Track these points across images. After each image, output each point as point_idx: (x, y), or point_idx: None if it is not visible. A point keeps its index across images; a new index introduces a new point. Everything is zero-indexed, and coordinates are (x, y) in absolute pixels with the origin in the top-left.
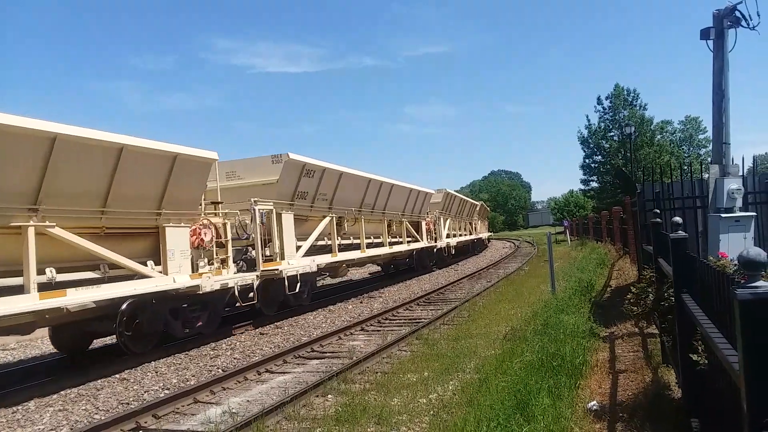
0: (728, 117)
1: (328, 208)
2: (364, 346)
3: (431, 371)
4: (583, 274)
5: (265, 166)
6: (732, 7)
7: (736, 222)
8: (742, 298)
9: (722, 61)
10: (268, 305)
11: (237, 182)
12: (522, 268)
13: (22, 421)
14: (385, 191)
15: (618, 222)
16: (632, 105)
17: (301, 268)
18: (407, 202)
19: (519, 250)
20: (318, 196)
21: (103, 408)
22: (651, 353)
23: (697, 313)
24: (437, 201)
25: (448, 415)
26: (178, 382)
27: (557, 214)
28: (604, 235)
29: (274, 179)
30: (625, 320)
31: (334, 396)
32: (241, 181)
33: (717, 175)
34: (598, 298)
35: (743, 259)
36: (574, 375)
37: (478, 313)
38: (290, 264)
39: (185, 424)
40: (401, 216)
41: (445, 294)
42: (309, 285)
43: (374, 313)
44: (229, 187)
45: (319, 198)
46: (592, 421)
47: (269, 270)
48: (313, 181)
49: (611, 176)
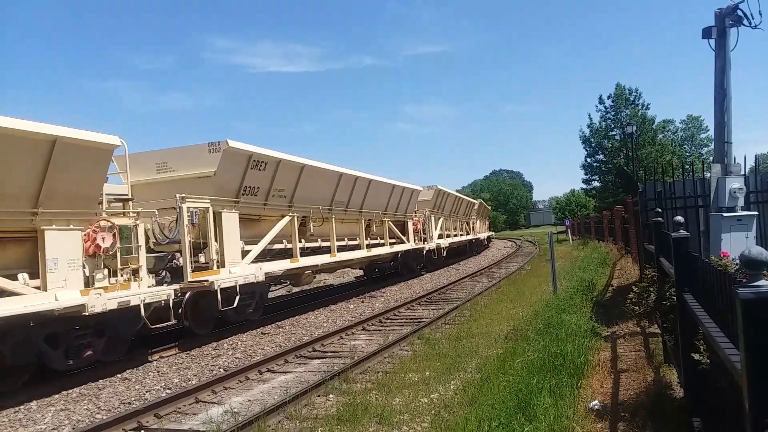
0: (730, 116)
1: (287, 206)
2: (365, 346)
3: (433, 371)
4: (585, 273)
5: (201, 155)
6: (734, 6)
7: (738, 221)
8: (744, 298)
9: (724, 60)
10: (201, 323)
11: (168, 175)
12: (524, 268)
13: (24, 421)
14: (362, 187)
15: (619, 221)
16: (634, 104)
17: (242, 277)
18: (390, 200)
19: (520, 250)
20: (273, 192)
21: (105, 407)
22: (653, 352)
23: (699, 313)
24: (427, 198)
25: (449, 414)
26: (179, 382)
27: (559, 214)
28: (606, 234)
29: (211, 171)
30: (627, 319)
31: (336, 395)
32: (174, 174)
33: (719, 174)
34: (599, 297)
35: (745, 258)
36: (576, 374)
37: (479, 313)
38: (232, 272)
39: (187, 423)
40: (383, 215)
41: (445, 294)
42: (258, 297)
43: (376, 312)
44: (159, 181)
45: (275, 194)
46: (593, 420)
47: (196, 282)
48: (265, 174)
49: (613, 175)
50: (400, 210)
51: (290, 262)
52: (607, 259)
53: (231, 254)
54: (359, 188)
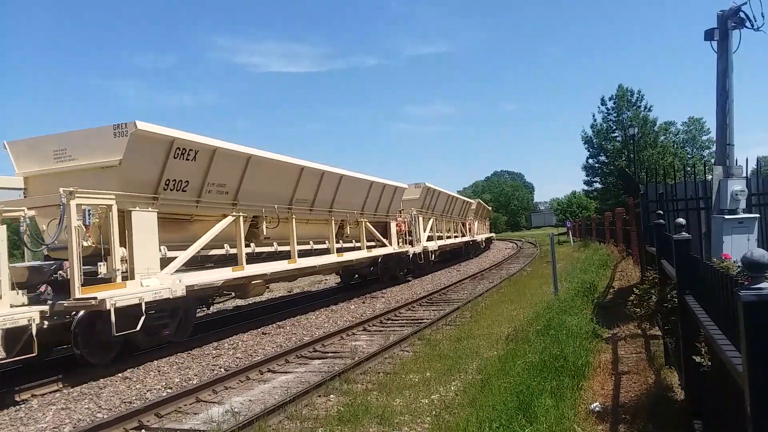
0: (732, 118)
1: (230, 204)
2: (366, 347)
3: (433, 372)
4: (586, 275)
5: (105, 140)
6: (736, 8)
7: (739, 223)
8: (746, 300)
9: (726, 62)
10: (97, 350)
11: (67, 165)
12: (524, 269)
13: (24, 420)
14: (330, 184)
15: (621, 223)
16: (636, 106)
17: (151, 292)
18: (368, 198)
19: (521, 251)
20: (210, 187)
21: (106, 407)
22: (654, 355)
23: (701, 315)
24: (414, 197)
25: (450, 415)
26: (180, 381)
27: (560, 215)
28: (607, 236)
29: (116, 160)
30: (628, 322)
31: (337, 396)
32: (73, 164)
33: (721, 176)
34: (600, 299)
35: (747, 260)
36: (577, 376)
37: (480, 314)
38: (145, 286)
39: (188, 423)
40: (360, 215)
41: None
42: (182, 314)
43: (377, 313)
44: (56, 172)
45: (213, 190)
46: (594, 422)
47: (83, 299)
48: (196, 165)
49: (614, 177)
50: (381, 210)
51: (232, 270)
52: (608, 260)
53: (144, 263)
54: (327, 185)
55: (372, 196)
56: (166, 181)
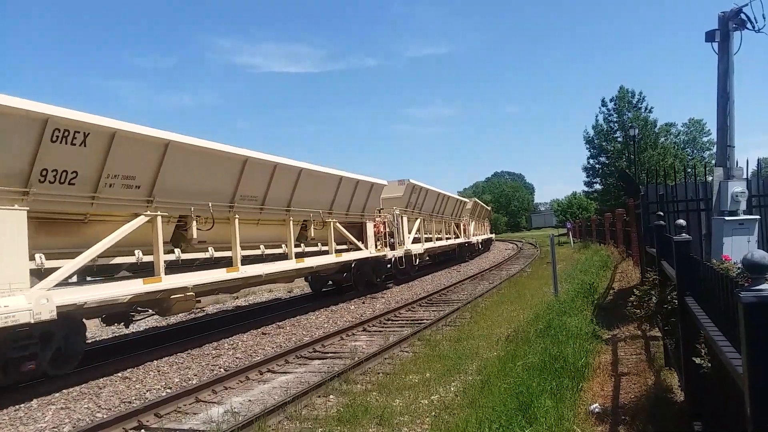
0: (733, 119)
1: (144, 201)
2: (366, 347)
3: (433, 372)
4: (586, 276)
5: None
6: (737, 10)
7: (739, 225)
8: (746, 302)
9: (727, 63)
10: None
11: None
12: (524, 270)
13: (24, 419)
14: (288, 178)
15: (621, 224)
16: (637, 107)
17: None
18: (337, 195)
19: (521, 252)
20: (110, 180)
21: (105, 406)
22: (654, 356)
23: (701, 316)
24: (397, 195)
25: (449, 416)
26: (180, 381)
27: (560, 216)
28: (607, 237)
29: None
30: (628, 323)
31: (336, 396)
32: None
33: (721, 177)
34: (600, 300)
35: (747, 262)
36: (577, 377)
37: (480, 315)
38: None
39: (187, 423)
40: (327, 215)
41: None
42: (62, 342)
43: (376, 313)
44: None
45: (117, 184)
46: (594, 423)
47: None
48: (87, 152)
49: (615, 178)
50: (355, 209)
51: (143, 283)
52: (609, 262)
53: (5, 276)
54: (282, 179)
55: (343, 193)
56: (42, 171)
